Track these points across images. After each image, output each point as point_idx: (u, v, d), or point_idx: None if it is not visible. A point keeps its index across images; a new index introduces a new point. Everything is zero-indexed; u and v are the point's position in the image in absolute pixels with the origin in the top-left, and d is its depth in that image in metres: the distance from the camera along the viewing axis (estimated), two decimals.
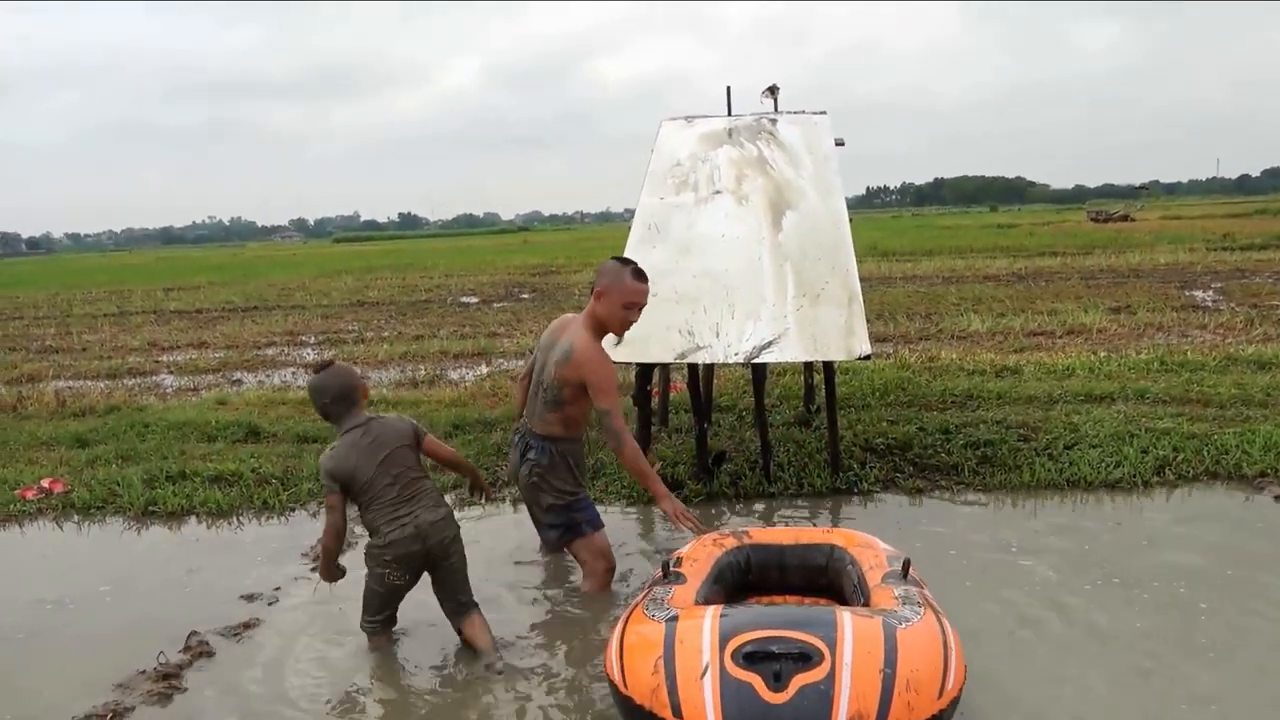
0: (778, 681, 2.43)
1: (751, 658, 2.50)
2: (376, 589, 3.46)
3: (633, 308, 3.79)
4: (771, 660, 2.48)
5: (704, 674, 2.51)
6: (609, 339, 3.94)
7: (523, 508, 4.46)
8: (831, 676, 2.45)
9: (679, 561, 3.36)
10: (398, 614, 3.58)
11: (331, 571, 3.51)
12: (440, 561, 3.44)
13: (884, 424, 6.02)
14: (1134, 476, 5.03)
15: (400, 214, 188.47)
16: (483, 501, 4.08)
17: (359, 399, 3.43)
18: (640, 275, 3.81)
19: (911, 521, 4.67)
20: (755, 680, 2.45)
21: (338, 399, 3.38)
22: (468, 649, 3.47)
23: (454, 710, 3.15)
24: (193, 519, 5.22)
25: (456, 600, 3.50)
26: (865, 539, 3.55)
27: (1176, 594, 3.68)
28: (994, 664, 3.19)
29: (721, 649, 2.56)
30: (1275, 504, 4.68)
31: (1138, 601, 3.62)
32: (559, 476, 3.86)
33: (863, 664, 2.49)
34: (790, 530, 3.84)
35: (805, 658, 2.48)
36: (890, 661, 2.51)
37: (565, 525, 3.89)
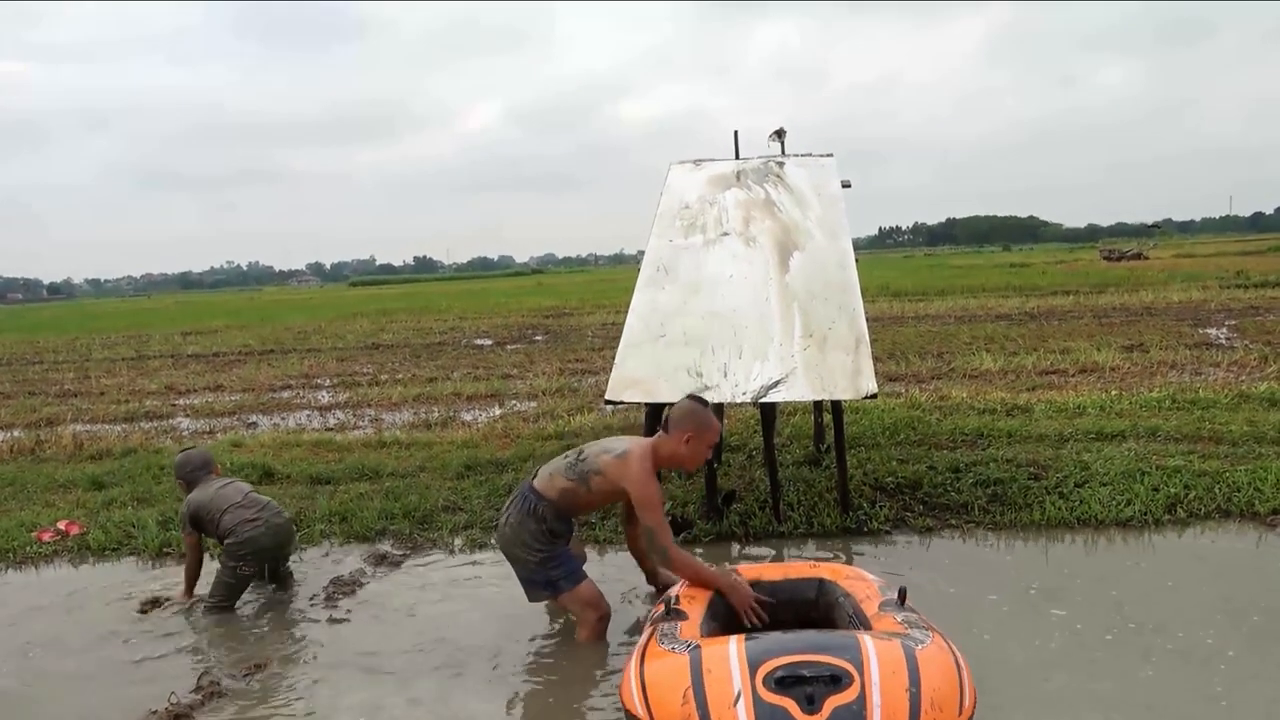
0: (811, 704, 2.51)
1: (783, 682, 2.57)
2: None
3: (711, 445, 3.86)
4: (804, 684, 2.56)
5: (737, 701, 2.57)
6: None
7: None
8: (862, 697, 2.53)
9: (678, 599, 3.42)
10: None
11: None
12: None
13: (894, 463, 6.02)
14: (1145, 515, 5.01)
15: (415, 257, 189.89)
16: None
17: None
18: (715, 412, 3.93)
19: (923, 561, 4.67)
20: (790, 704, 2.52)
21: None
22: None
23: None
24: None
25: None
26: (854, 571, 3.64)
27: (1203, 642, 3.60)
28: (1017, 710, 3.18)
29: (752, 675, 2.62)
30: None
31: (1158, 650, 3.56)
32: (529, 532, 3.80)
33: (890, 684, 2.58)
34: (778, 565, 3.92)
35: (836, 680, 2.56)
36: (914, 681, 2.60)
37: (544, 583, 3.86)
